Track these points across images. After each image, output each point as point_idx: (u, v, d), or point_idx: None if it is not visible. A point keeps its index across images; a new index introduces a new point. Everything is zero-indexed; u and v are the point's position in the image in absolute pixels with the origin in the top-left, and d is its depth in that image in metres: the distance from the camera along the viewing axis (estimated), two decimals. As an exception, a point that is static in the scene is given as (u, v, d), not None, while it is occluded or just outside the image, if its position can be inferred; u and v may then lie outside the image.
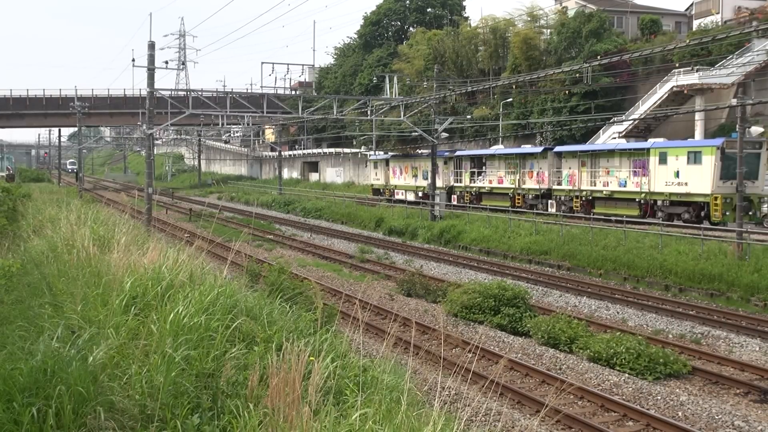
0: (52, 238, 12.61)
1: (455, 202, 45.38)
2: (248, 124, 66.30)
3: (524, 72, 47.41)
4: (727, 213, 29.33)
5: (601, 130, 44.55)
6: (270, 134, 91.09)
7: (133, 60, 53.37)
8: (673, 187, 31.76)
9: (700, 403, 12.15)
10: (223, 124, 65.31)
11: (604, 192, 35.64)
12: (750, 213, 29.45)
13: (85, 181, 72.92)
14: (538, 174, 39.94)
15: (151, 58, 30.57)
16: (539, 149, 40.65)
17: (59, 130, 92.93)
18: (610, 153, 35.68)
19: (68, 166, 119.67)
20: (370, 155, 59.12)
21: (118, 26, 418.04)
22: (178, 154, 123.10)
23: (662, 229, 26.54)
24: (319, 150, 79.13)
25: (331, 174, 75.10)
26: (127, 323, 6.71)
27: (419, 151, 52.50)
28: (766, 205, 30.81)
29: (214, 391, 5.60)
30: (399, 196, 51.23)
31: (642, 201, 33.37)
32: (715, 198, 29.75)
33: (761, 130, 32.79)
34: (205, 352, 6.05)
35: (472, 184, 45.20)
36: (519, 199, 40.98)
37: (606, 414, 11.61)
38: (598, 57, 38.31)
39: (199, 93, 45.76)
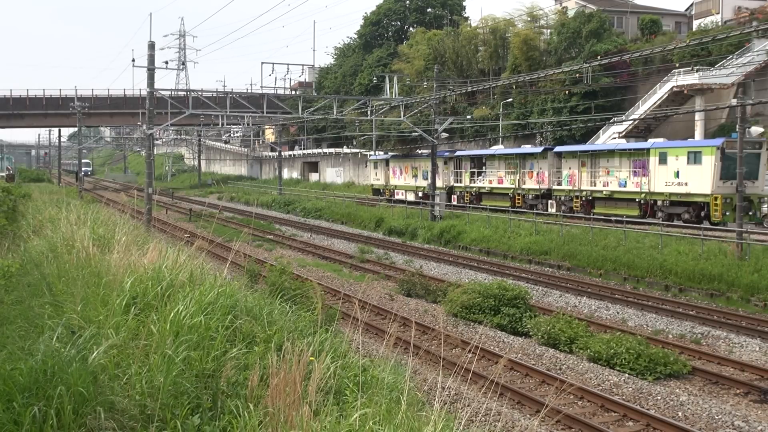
0: (51, 238, 12.58)
1: (455, 202, 45.38)
2: (248, 125, 66.28)
3: (524, 72, 47.36)
4: (727, 213, 29.34)
5: (601, 130, 44.54)
6: (270, 134, 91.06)
7: (133, 60, 53.60)
8: (673, 187, 31.76)
9: (700, 403, 12.15)
10: (223, 124, 65.29)
11: (604, 192, 35.63)
12: (750, 213, 29.46)
13: (85, 182, 72.90)
14: (538, 174, 39.93)
15: (151, 59, 30.60)
16: (539, 149, 40.63)
17: (59, 130, 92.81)
18: (610, 153, 35.68)
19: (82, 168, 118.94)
20: (370, 155, 59.09)
21: (118, 26, 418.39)
22: (178, 154, 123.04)
23: (662, 229, 26.55)
24: (319, 150, 79.11)
25: (331, 174, 75.06)
26: (127, 323, 6.70)
27: (419, 152, 52.45)
28: (766, 205, 30.82)
29: (214, 392, 5.60)
30: (399, 196, 51.22)
31: (642, 201, 33.37)
32: (715, 198, 29.76)
33: (761, 130, 32.79)
34: (205, 352, 6.04)
35: (472, 184, 45.20)
36: (519, 199, 40.97)
37: (606, 414, 11.61)
38: (598, 57, 38.27)
39: (199, 93, 45.77)
